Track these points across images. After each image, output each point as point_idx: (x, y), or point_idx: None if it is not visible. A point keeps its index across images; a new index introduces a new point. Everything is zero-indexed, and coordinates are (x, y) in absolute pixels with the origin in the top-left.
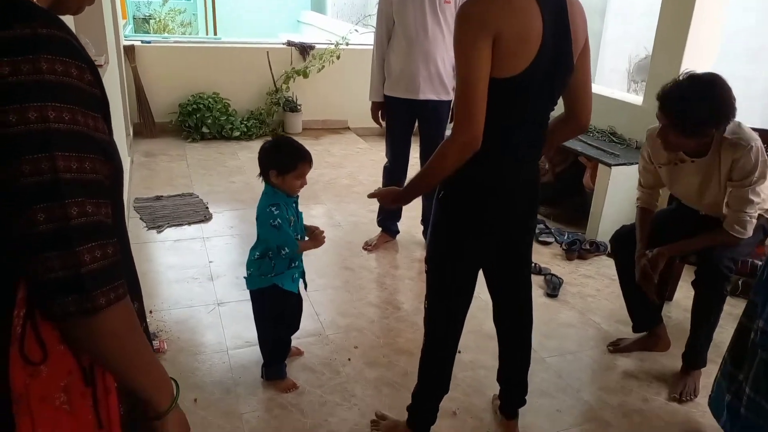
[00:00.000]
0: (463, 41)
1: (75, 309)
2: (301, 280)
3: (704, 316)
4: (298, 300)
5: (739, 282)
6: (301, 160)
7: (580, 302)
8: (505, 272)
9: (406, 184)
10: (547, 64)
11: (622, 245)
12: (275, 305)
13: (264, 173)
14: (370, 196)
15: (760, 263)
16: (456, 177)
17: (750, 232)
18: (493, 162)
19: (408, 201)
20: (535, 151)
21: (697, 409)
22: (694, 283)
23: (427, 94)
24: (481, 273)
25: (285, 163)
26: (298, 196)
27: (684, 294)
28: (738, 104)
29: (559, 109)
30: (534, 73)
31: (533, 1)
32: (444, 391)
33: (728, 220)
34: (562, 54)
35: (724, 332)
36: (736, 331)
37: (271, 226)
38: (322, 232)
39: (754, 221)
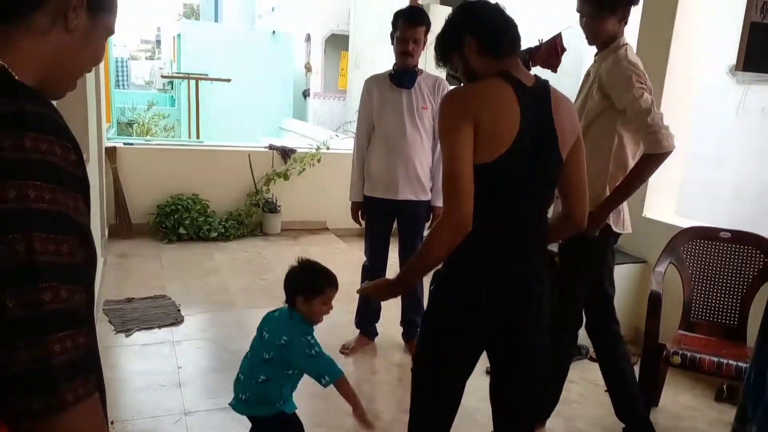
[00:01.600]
0: (446, 122)
1: (40, 406)
2: None
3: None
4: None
5: (724, 386)
6: (328, 283)
7: (564, 408)
8: (502, 374)
9: (398, 273)
10: (527, 156)
11: (597, 332)
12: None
13: (290, 299)
14: (360, 291)
15: (744, 366)
16: (443, 273)
17: (670, 144)
18: (477, 257)
19: (402, 291)
20: (525, 247)
21: None
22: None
23: (405, 194)
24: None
25: (311, 286)
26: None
27: (670, 399)
28: (702, 207)
29: None
30: (508, 161)
31: (512, 93)
32: None
33: (644, 143)
34: (545, 148)
35: None
36: None
37: (309, 356)
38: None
39: (666, 132)
